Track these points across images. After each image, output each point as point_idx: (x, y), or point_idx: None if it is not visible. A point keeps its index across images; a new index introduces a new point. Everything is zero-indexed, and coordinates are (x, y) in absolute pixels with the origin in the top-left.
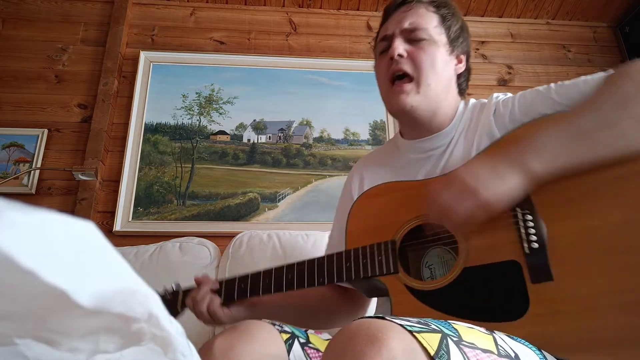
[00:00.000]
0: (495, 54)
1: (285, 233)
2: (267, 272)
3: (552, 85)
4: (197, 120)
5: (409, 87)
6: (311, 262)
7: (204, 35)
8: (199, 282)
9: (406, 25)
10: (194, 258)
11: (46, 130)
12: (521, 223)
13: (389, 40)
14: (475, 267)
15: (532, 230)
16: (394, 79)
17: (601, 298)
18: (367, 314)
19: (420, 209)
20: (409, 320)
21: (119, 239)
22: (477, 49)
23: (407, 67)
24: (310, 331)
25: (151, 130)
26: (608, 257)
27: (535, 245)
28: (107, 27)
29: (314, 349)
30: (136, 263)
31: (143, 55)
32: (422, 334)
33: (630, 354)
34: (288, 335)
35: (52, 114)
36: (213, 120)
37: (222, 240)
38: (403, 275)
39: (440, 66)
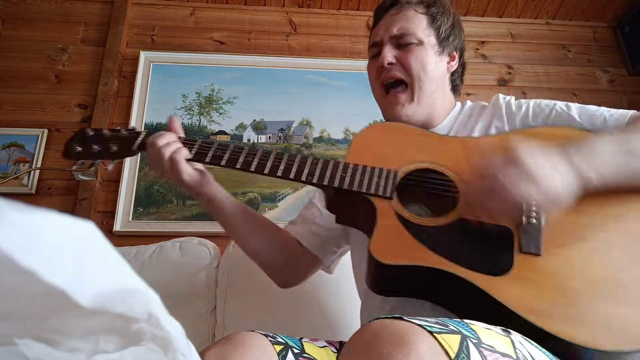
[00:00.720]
0: (495, 54)
1: None
2: (253, 151)
3: (571, 104)
4: (197, 120)
5: (403, 97)
6: (304, 158)
7: (204, 35)
8: (171, 122)
9: (394, 31)
10: (194, 258)
11: (46, 130)
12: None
13: (379, 46)
14: (470, 221)
15: (534, 208)
16: (388, 87)
17: (577, 282)
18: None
19: (439, 158)
20: (426, 320)
21: (119, 239)
22: (477, 49)
23: (398, 73)
24: (305, 340)
25: (151, 130)
26: (596, 253)
27: (534, 220)
28: (107, 27)
29: (309, 358)
30: (136, 263)
31: (143, 55)
32: (442, 335)
33: (582, 330)
34: (281, 347)
35: (52, 114)
36: (213, 120)
37: (222, 240)
38: (397, 203)
39: (431, 67)
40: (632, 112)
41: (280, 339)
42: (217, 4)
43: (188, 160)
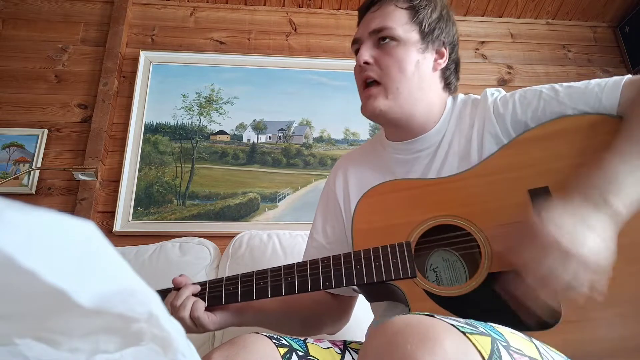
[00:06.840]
0: (495, 54)
1: (285, 233)
2: (262, 274)
3: (557, 87)
4: (197, 120)
5: (375, 90)
6: (314, 263)
7: (204, 35)
8: (178, 285)
9: (373, 26)
10: (194, 258)
11: (46, 130)
12: None
13: (359, 44)
14: (501, 273)
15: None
16: (366, 84)
17: (633, 305)
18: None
19: (437, 210)
20: (457, 320)
21: (119, 239)
22: (477, 49)
23: (373, 74)
24: (309, 341)
25: (151, 130)
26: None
27: None
28: (107, 27)
29: None
30: (136, 263)
31: (143, 55)
32: (474, 336)
33: None
34: (285, 350)
35: (52, 114)
36: (213, 120)
37: (222, 240)
38: (422, 279)
39: (411, 67)
40: (624, 79)
41: (284, 341)
42: (217, 4)
43: (207, 308)
